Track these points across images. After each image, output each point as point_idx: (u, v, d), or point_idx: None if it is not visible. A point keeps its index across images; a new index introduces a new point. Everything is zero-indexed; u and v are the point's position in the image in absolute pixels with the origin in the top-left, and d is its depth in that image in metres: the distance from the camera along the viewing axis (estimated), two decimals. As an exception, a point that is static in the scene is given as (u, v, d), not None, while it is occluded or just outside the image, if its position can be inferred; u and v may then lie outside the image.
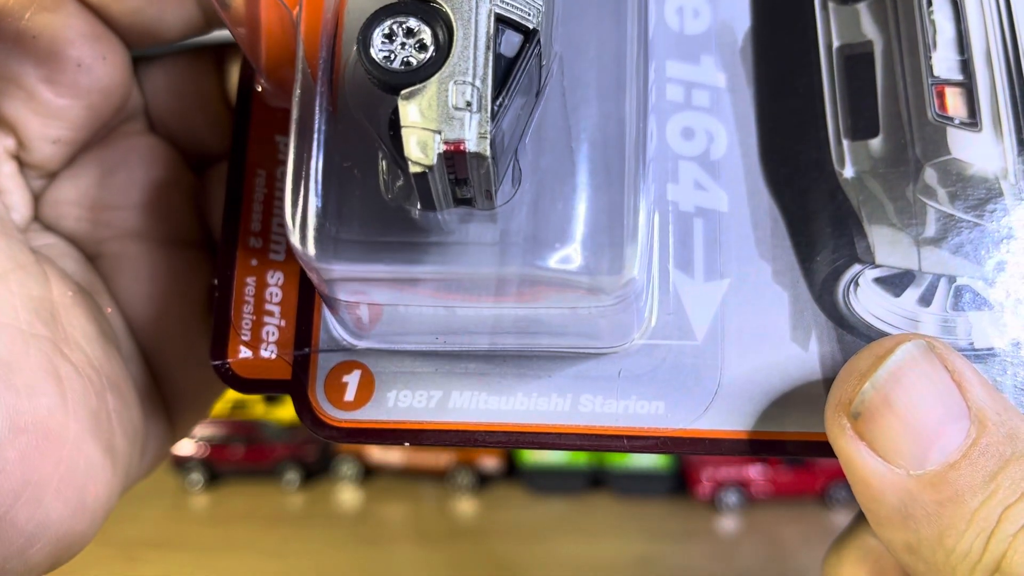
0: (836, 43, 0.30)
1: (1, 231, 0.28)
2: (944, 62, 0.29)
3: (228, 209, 0.29)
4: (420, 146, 0.21)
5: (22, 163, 0.30)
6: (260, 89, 0.30)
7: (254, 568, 1.47)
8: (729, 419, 0.27)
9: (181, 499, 1.72)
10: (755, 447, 0.27)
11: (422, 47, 0.22)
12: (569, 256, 0.24)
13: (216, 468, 1.80)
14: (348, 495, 1.69)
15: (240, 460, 1.80)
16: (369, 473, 1.72)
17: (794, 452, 0.27)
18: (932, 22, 0.29)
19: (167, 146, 0.33)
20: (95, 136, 0.31)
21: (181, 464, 1.77)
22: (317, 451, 1.77)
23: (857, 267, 0.28)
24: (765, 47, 0.30)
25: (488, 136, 0.21)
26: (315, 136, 0.24)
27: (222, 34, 0.33)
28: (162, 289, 0.32)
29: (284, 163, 0.29)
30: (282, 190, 0.29)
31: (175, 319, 0.32)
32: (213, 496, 1.74)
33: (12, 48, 0.28)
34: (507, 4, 0.23)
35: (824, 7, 0.30)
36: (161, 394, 0.32)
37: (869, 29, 0.30)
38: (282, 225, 0.29)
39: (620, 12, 0.26)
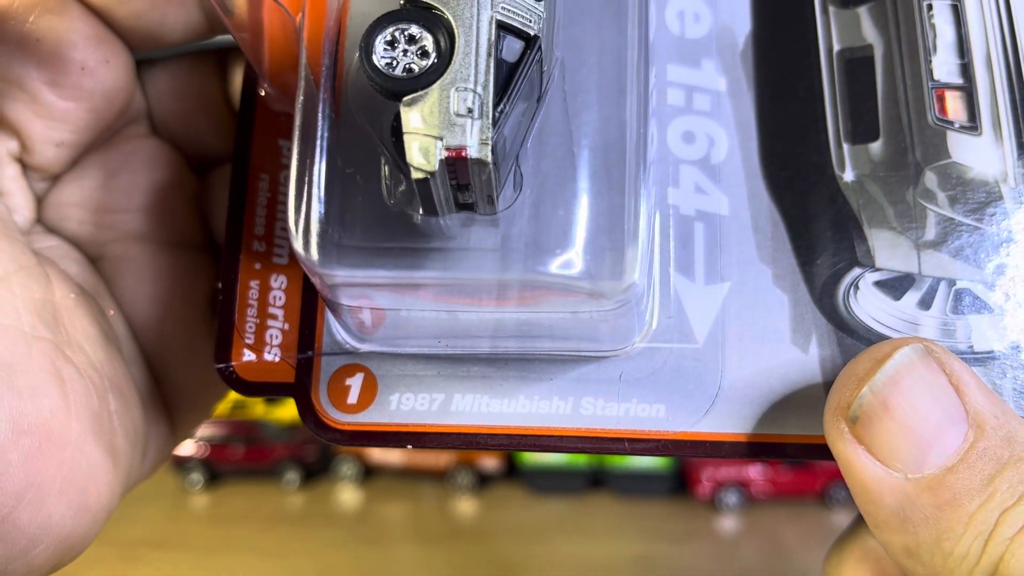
0: (836, 47, 0.30)
1: (4, 233, 0.28)
2: (944, 66, 0.29)
3: (232, 213, 0.29)
4: (422, 152, 0.21)
5: (25, 165, 0.31)
6: (263, 93, 0.30)
7: (254, 568, 1.47)
8: (730, 422, 0.27)
9: (181, 499, 1.73)
10: (755, 450, 0.27)
11: (424, 54, 0.22)
12: (570, 261, 0.24)
13: (216, 468, 1.81)
14: (348, 495, 1.69)
15: (240, 460, 1.80)
16: (369, 473, 1.73)
17: (794, 455, 0.27)
18: (932, 26, 0.30)
19: (170, 149, 0.33)
20: (98, 139, 0.31)
21: (181, 464, 1.77)
22: (317, 451, 1.77)
23: (857, 270, 0.28)
24: (766, 51, 0.30)
25: (490, 142, 0.21)
26: (318, 142, 0.24)
27: (225, 38, 0.33)
28: (164, 291, 0.32)
29: (287, 167, 0.29)
30: (285, 194, 0.29)
31: (177, 321, 0.32)
32: (213, 496, 1.74)
33: (16, 51, 0.29)
34: (508, 11, 0.23)
35: (824, 11, 0.30)
36: (163, 396, 0.32)
37: (869, 33, 0.30)
38: (285, 229, 0.29)
39: (621, 17, 0.26)
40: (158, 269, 0.32)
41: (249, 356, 0.28)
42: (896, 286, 0.28)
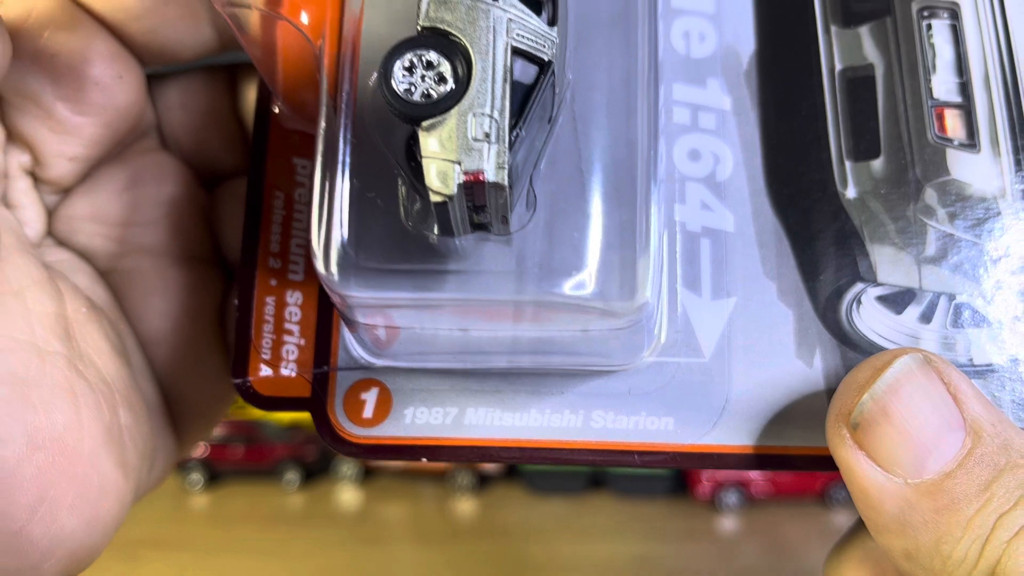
0: (839, 66, 0.30)
1: (17, 248, 0.29)
2: (943, 85, 0.30)
3: (247, 230, 0.30)
4: (441, 177, 0.22)
5: (37, 179, 0.31)
6: (277, 111, 0.31)
7: (254, 568, 1.47)
8: (736, 434, 0.28)
9: (181, 499, 1.72)
10: (762, 462, 0.28)
11: (441, 79, 0.22)
12: (583, 282, 0.24)
13: (216, 468, 1.81)
14: (348, 495, 1.69)
15: (240, 460, 1.80)
16: (369, 473, 1.73)
17: (799, 466, 0.28)
18: (932, 45, 0.30)
19: (179, 163, 0.34)
20: (109, 153, 0.32)
21: (181, 464, 1.78)
22: (317, 451, 1.77)
23: (860, 285, 0.29)
24: (769, 70, 0.30)
25: (506, 166, 0.22)
26: (339, 166, 0.24)
27: (236, 54, 0.34)
28: (173, 305, 0.32)
29: (302, 185, 0.30)
30: (300, 212, 0.30)
31: (185, 334, 0.32)
32: (213, 496, 1.74)
33: (31, 66, 0.29)
34: (523, 37, 0.23)
35: (827, 30, 0.31)
36: (170, 408, 0.33)
37: (870, 52, 0.30)
38: (300, 246, 0.29)
39: (630, 36, 0.27)
40: (167, 282, 0.32)
41: (266, 371, 0.29)
42: (898, 301, 0.29)
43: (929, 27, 0.30)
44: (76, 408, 0.27)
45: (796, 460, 0.27)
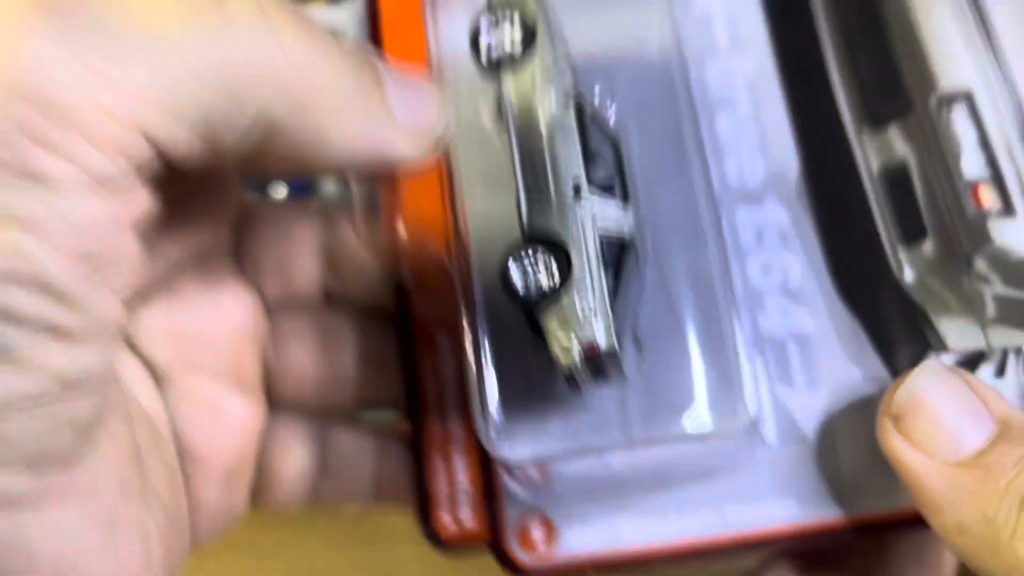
0: (876, 165, 0.35)
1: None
2: (972, 163, 0.34)
3: (409, 399, 0.34)
4: (564, 351, 0.27)
5: None
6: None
7: (254, 568, 1.47)
8: (851, 507, 0.32)
9: (180, 499, 1.73)
10: (877, 528, 0.32)
11: (549, 273, 0.28)
12: (695, 417, 0.29)
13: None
14: (348, 495, 1.69)
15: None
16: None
17: (909, 527, 0.31)
18: (955, 131, 0.34)
19: (250, 289, 0.35)
20: (191, 268, 0.33)
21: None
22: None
23: (933, 356, 0.33)
24: (816, 181, 0.35)
25: (614, 337, 0.27)
26: (482, 352, 0.30)
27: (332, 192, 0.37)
28: (217, 429, 0.33)
29: (442, 358, 0.36)
30: (448, 382, 0.35)
31: (223, 458, 0.33)
32: (212, 496, 1.75)
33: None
34: (605, 227, 0.29)
35: (859, 135, 0.35)
36: (193, 521, 0.33)
37: (901, 148, 0.35)
38: (455, 411, 0.35)
39: (685, 172, 0.32)
40: (216, 406, 0.33)
41: (446, 519, 0.34)
42: (970, 363, 0.32)
43: (950, 113, 0.35)
44: (147, 547, 0.27)
45: (904, 522, 0.31)
